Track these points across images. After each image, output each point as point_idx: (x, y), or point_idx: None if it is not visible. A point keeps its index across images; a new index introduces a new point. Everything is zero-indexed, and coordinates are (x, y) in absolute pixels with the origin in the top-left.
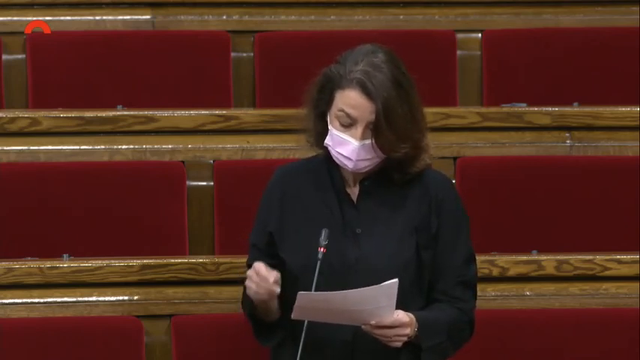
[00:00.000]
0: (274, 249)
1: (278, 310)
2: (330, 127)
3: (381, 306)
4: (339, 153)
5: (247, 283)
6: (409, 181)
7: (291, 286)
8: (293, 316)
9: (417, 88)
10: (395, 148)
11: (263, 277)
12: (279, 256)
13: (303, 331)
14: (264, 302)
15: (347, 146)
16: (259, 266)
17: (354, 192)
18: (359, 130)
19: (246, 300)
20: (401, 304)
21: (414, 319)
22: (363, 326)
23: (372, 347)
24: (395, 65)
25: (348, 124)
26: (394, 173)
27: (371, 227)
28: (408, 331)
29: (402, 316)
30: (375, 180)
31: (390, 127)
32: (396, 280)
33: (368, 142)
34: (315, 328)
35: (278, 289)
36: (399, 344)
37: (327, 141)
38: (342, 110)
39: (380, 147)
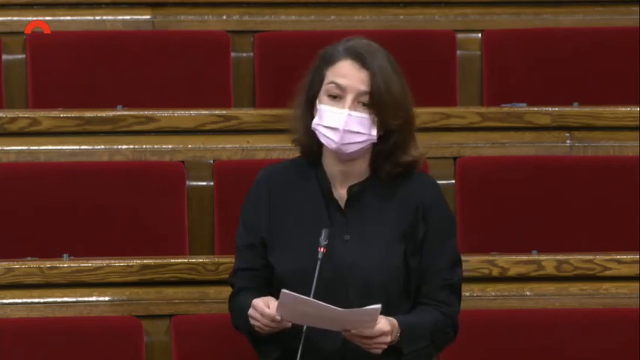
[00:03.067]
0: (265, 251)
1: None
2: (318, 106)
3: (364, 320)
4: (326, 127)
5: (254, 322)
6: (395, 185)
7: (279, 290)
8: (276, 312)
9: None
10: (393, 114)
11: (268, 316)
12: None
13: (302, 339)
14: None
15: (333, 117)
16: (261, 307)
17: (341, 197)
18: (348, 100)
19: (242, 319)
20: (388, 310)
21: (397, 324)
22: (343, 333)
23: (361, 352)
24: (383, 49)
25: (337, 94)
26: (385, 165)
27: (359, 234)
28: (389, 339)
29: (383, 325)
30: (362, 185)
31: (388, 92)
32: (378, 306)
33: (358, 114)
34: (310, 330)
35: (289, 324)
36: (379, 351)
37: (315, 121)
38: (333, 82)
39: (378, 114)
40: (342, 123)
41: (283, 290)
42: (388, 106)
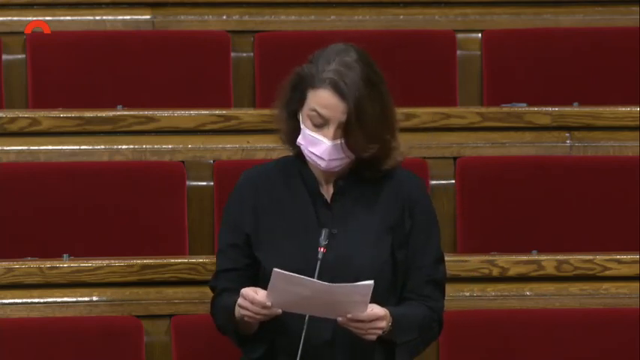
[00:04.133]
0: (250, 250)
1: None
2: (302, 126)
3: (355, 301)
4: (312, 152)
5: (244, 312)
6: (382, 180)
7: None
8: (267, 298)
9: (388, 87)
10: (364, 148)
11: (259, 303)
12: (254, 256)
13: (304, 331)
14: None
15: (319, 146)
16: (251, 295)
17: (327, 192)
18: (331, 130)
19: (227, 319)
20: (377, 304)
21: (389, 313)
22: (338, 319)
23: (351, 344)
24: (366, 64)
25: (320, 124)
26: (366, 171)
27: (346, 228)
28: (383, 324)
29: (377, 310)
30: (348, 180)
31: (361, 127)
32: (371, 282)
33: (339, 141)
34: (296, 326)
35: (279, 311)
36: (373, 337)
37: (300, 140)
38: (315, 110)
39: (349, 147)
40: (326, 153)
41: (275, 269)
42: (361, 142)
